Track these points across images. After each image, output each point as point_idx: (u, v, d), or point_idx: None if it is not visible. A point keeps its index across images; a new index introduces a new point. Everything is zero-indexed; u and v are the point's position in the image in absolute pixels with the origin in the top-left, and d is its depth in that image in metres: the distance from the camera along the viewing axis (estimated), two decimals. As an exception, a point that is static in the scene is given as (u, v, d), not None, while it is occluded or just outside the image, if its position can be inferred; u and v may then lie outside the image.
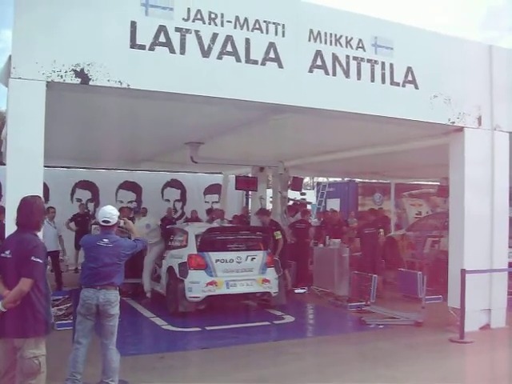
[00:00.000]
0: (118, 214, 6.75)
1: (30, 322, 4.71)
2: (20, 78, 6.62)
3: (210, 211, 18.22)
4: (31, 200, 5.06)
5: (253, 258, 11.15)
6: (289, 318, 10.93)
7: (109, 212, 6.64)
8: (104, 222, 6.59)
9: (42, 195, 5.97)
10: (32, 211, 5.00)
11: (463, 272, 9.15)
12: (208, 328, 9.85)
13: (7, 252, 4.83)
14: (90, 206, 18.37)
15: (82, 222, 16.01)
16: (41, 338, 4.84)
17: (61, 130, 10.20)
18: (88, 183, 19.18)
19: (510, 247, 10.39)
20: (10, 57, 6.64)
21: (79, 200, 18.60)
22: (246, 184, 16.95)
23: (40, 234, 5.24)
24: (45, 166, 6.98)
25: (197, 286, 10.54)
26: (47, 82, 6.73)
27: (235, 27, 7.79)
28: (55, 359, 5.66)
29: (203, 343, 9.05)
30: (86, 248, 6.75)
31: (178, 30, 7.43)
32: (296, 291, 13.39)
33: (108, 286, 6.39)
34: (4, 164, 7.51)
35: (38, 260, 4.75)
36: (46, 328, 4.90)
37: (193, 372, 7.63)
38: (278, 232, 13.08)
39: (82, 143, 13.87)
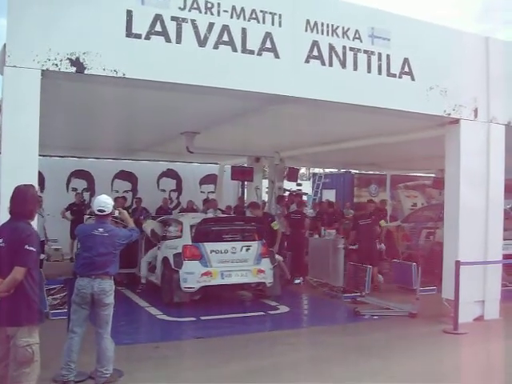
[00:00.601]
0: (112, 203, 6.75)
1: (23, 311, 4.70)
2: (15, 67, 6.59)
3: (206, 201, 18.23)
4: (24, 189, 5.05)
5: (248, 249, 11.15)
6: (284, 309, 10.95)
7: (104, 201, 6.63)
8: (99, 210, 6.59)
9: (37, 184, 5.96)
10: (25, 200, 4.99)
11: (458, 263, 9.17)
12: (203, 318, 9.87)
13: (0, 241, 4.82)
14: (86, 195, 18.31)
15: (78, 211, 15.97)
16: (34, 327, 4.83)
17: (56, 118, 10.16)
18: (84, 172, 19.13)
19: (504, 239, 10.41)
20: (4, 45, 6.61)
21: (75, 189, 18.55)
22: (241, 174, 16.94)
23: (34, 223, 5.23)
24: (40, 155, 6.97)
25: (192, 276, 10.55)
26: (42, 70, 6.70)
27: (231, 17, 7.76)
28: (50, 348, 5.66)
29: (198, 333, 9.06)
30: (81, 237, 6.77)
31: (174, 19, 7.39)
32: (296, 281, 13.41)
33: (103, 276, 6.40)
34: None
35: (32, 248, 4.74)
36: (40, 316, 4.90)
37: (187, 362, 7.64)
38: (276, 222, 13.10)
39: (77, 132, 13.81)
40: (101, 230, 6.51)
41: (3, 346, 4.80)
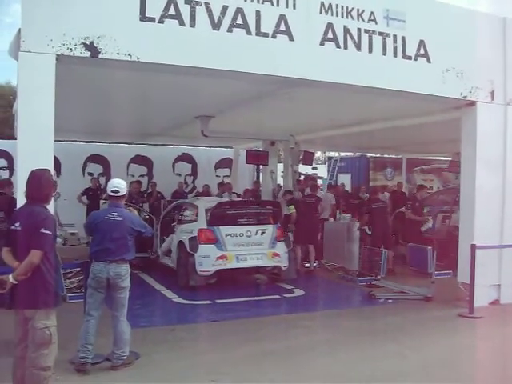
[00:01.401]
0: (126, 186, 6.76)
1: (40, 294, 4.76)
2: (29, 52, 6.60)
3: (220, 185, 18.26)
4: (39, 173, 5.09)
5: (263, 232, 11.18)
6: (299, 292, 11.00)
7: (118, 182, 6.67)
8: (113, 191, 6.60)
9: (52, 169, 5.99)
10: (40, 184, 5.03)
11: (473, 247, 9.13)
12: (218, 301, 9.93)
13: (17, 224, 4.88)
14: (102, 180, 18.40)
15: (94, 196, 16.07)
16: (51, 310, 4.90)
17: (71, 103, 10.19)
18: (99, 157, 19.21)
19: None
20: (19, 30, 6.62)
21: (91, 174, 18.65)
22: (256, 158, 16.90)
23: (51, 207, 5.28)
24: (56, 140, 6.99)
25: (207, 260, 10.60)
26: (57, 55, 6.70)
27: (245, -1, 7.71)
28: (67, 330, 5.72)
29: (213, 316, 9.13)
30: (96, 223, 6.67)
31: (187, 2, 7.34)
32: (306, 265, 13.41)
33: (119, 261, 6.44)
34: (16, 138, 7.55)
35: (48, 232, 4.79)
36: (56, 299, 4.96)
37: (203, 344, 7.72)
38: (292, 206, 13.12)
39: (93, 117, 13.86)
40: (114, 214, 6.51)
41: (21, 328, 4.89)
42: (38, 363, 4.78)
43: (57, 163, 14.59)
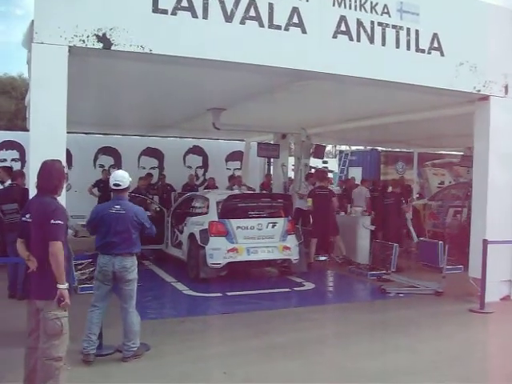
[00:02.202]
0: (129, 178, 6.73)
1: (51, 284, 4.76)
2: (42, 43, 6.59)
3: (231, 178, 18.27)
4: (50, 163, 5.08)
5: (274, 225, 11.17)
6: (309, 285, 10.99)
7: (120, 175, 6.66)
8: (115, 185, 6.59)
9: (64, 161, 6.00)
10: (51, 175, 5.02)
11: (485, 242, 9.08)
12: (229, 294, 9.95)
13: (28, 216, 4.89)
14: (113, 172, 18.45)
15: (105, 188, 16.09)
16: (62, 301, 4.91)
17: (83, 95, 10.20)
18: (111, 149, 19.26)
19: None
20: (32, 22, 6.62)
21: (102, 166, 18.69)
22: (267, 151, 16.88)
23: (62, 198, 5.28)
24: (68, 132, 7.00)
25: (218, 252, 10.61)
26: (69, 46, 6.69)
27: (258, -9, 7.67)
28: (78, 321, 5.76)
29: (224, 308, 9.16)
30: (100, 217, 6.63)
31: (200, -6, 7.33)
32: (317, 259, 13.40)
33: (124, 254, 6.43)
34: (28, 130, 7.57)
35: (59, 222, 4.77)
36: (68, 290, 4.96)
37: (212, 336, 7.74)
38: (309, 199, 13.13)
39: (104, 109, 13.89)
40: (117, 207, 6.51)
41: (33, 318, 4.90)
42: (50, 354, 4.79)
43: (68, 155, 14.62)
